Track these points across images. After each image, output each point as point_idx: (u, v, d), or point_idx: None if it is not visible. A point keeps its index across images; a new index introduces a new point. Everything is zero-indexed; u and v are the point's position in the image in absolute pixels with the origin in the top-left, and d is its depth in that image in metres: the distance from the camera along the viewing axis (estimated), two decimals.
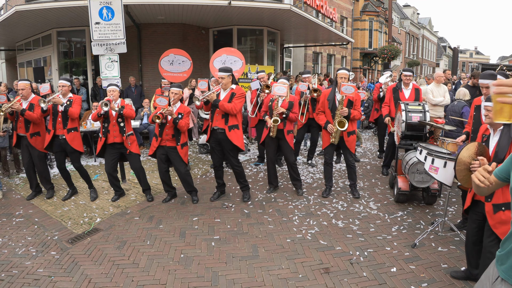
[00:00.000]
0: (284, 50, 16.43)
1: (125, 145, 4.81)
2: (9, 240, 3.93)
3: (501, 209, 2.48)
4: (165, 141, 4.70)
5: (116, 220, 4.42)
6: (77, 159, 4.99)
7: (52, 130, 4.83)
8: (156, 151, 4.78)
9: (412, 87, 5.89)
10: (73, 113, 4.76)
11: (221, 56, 7.54)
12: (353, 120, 4.85)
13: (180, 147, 4.70)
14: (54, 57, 10.60)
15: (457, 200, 4.97)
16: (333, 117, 4.80)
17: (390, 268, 3.27)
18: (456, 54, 17.90)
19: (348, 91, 4.61)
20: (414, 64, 29.48)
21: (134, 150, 4.87)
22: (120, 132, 4.76)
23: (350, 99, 4.75)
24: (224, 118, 4.60)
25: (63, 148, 4.91)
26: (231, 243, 3.79)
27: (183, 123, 4.58)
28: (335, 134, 4.78)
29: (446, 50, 48.86)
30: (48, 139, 4.87)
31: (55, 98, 4.68)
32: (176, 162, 4.74)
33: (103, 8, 6.75)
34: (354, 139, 4.93)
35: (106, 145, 4.82)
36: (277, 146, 5.14)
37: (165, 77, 7.57)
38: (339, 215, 4.47)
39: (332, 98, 4.83)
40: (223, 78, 4.56)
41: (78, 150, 4.93)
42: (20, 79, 5.08)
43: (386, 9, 24.71)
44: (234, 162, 4.81)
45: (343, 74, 4.83)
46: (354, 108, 4.78)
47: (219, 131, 4.65)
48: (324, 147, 5.02)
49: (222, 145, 4.72)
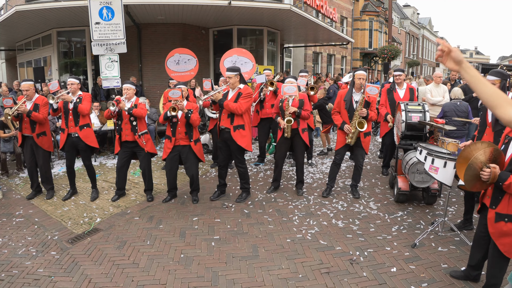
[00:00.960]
0: (284, 50, 16.43)
1: (139, 144, 4.82)
2: (9, 240, 3.93)
3: (504, 219, 2.41)
4: (179, 140, 4.70)
5: (116, 220, 4.42)
6: (88, 157, 5.03)
7: (66, 128, 4.84)
8: (169, 153, 4.76)
9: (406, 86, 5.87)
10: (83, 110, 4.78)
11: (232, 56, 7.56)
12: (370, 121, 4.85)
13: (194, 144, 4.72)
14: (54, 57, 10.61)
15: (457, 200, 4.97)
16: (349, 118, 4.79)
17: (390, 268, 3.27)
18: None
19: (373, 92, 4.61)
20: (414, 64, 29.50)
21: (149, 149, 4.89)
22: (132, 131, 4.77)
23: (367, 100, 4.74)
24: (230, 118, 4.62)
25: (75, 147, 4.92)
26: (231, 243, 3.79)
27: (194, 117, 4.60)
28: (352, 134, 4.77)
29: None
30: (63, 139, 4.89)
31: (64, 95, 4.72)
32: (190, 160, 4.74)
33: (103, 8, 6.76)
34: (369, 140, 4.93)
35: (121, 142, 4.86)
36: (289, 146, 5.13)
37: (173, 77, 7.58)
38: (339, 215, 4.47)
39: (349, 99, 4.81)
40: (230, 77, 4.58)
41: (92, 147, 4.97)
42: (23, 80, 5.08)
43: (386, 9, 24.70)
44: (238, 162, 4.83)
45: (361, 75, 4.81)
46: (370, 109, 4.78)
47: (225, 130, 4.67)
48: (337, 147, 5.00)
49: (228, 144, 4.73)
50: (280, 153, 5.17)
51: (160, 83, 10.47)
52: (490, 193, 2.60)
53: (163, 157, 4.83)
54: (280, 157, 5.19)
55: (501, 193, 2.47)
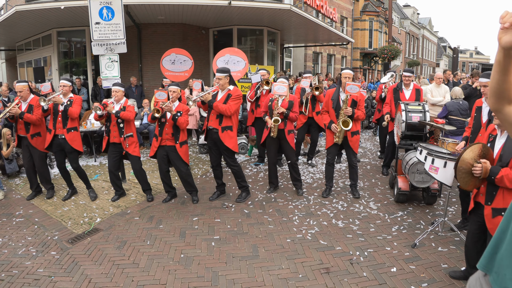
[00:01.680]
0: (284, 50, 16.43)
1: (122, 146, 4.83)
2: (9, 240, 3.93)
3: (501, 214, 2.44)
4: (165, 141, 4.71)
5: (116, 220, 4.42)
6: (75, 159, 4.99)
7: (52, 129, 4.84)
8: (157, 152, 4.79)
9: (413, 87, 5.88)
10: (73, 113, 4.77)
11: (224, 56, 7.56)
12: (357, 120, 4.85)
13: (179, 146, 4.70)
14: (54, 57, 10.61)
15: (457, 200, 4.97)
16: (337, 117, 4.80)
17: (390, 268, 3.27)
18: (456, 54, 17.91)
19: (353, 90, 4.61)
20: (414, 64, 29.47)
21: (132, 151, 4.87)
22: (119, 133, 4.78)
23: (354, 99, 4.74)
24: (218, 118, 4.61)
25: (62, 148, 4.93)
26: (231, 243, 3.79)
27: (182, 120, 4.59)
28: (339, 133, 4.78)
29: (446, 50, 48.85)
30: (49, 139, 4.88)
31: (56, 98, 4.70)
32: (176, 161, 4.74)
33: (103, 8, 6.75)
34: (358, 139, 4.92)
35: (109, 143, 4.90)
36: (278, 146, 5.14)
37: (167, 76, 7.59)
38: (339, 215, 4.47)
39: (336, 98, 4.82)
40: (220, 79, 4.56)
41: (77, 150, 4.94)
42: (17, 81, 5.08)
43: (386, 9, 24.71)
44: (230, 162, 4.83)
45: (348, 74, 4.84)
46: (358, 108, 4.78)
47: (213, 131, 4.66)
48: (327, 147, 5.01)
49: (217, 145, 4.73)
50: (270, 154, 5.17)
51: (160, 83, 10.46)
52: (483, 191, 2.66)
53: (150, 154, 4.88)
54: (271, 157, 5.18)
55: (495, 188, 2.53)
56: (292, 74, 15.91)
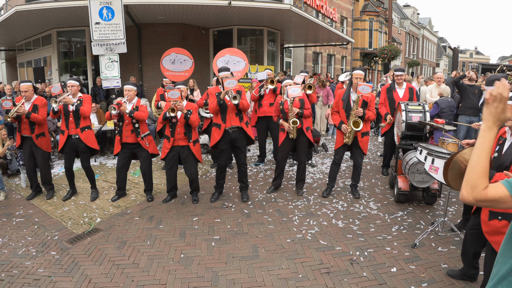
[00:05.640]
0: (284, 50, 16.42)
1: (143, 146, 4.83)
2: (9, 240, 3.93)
3: (497, 217, 2.42)
4: (178, 141, 4.69)
5: (116, 220, 4.42)
6: (88, 158, 5.04)
7: (66, 130, 4.84)
8: (168, 153, 4.76)
9: (406, 86, 5.86)
10: (84, 112, 4.80)
11: (224, 56, 7.57)
12: (367, 121, 4.83)
13: (192, 144, 4.72)
14: (54, 57, 10.60)
15: (457, 200, 4.97)
16: (347, 117, 4.79)
17: (390, 268, 3.27)
18: (456, 54, 17.89)
19: (365, 91, 4.59)
20: (414, 64, 29.51)
21: (152, 150, 4.91)
22: (134, 133, 4.77)
23: (365, 100, 4.72)
24: (238, 116, 4.70)
25: (75, 148, 4.92)
26: (231, 243, 3.79)
27: (193, 118, 4.60)
28: (349, 134, 4.77)
29: (446, 50, 48.84)
30: (62, 140, 4.88)
31: (66, 98, 4.71)
32: (189, 160, 4.74)
33: (103, 8, 6.76)
34: (368, 140, 4.91)
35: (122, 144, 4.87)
36: (292, 146, 5.12)
37: (167, 76, 7.58)
38: (339, 215, 4.47)
39: (347, 98, 4.81)
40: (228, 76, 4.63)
41: (92, 149, 4.98)
42: (22, 81, 5.07)
43: (386, 9, 24.70)
44: (244, 160, 4.87)
45: (359, 75, 4.81)
46: (368, 108, 4.76)
47: (233, 129, 4.70)
48: (336, 147, 5.00)
49: (235, 144, 4.75)
50: (282, 154, 5.16)
51: (160, 83, 10.46)
52: None
53: (161, 157, 4.83)
54: (283, 157, 5.18)
55: None
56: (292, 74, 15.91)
